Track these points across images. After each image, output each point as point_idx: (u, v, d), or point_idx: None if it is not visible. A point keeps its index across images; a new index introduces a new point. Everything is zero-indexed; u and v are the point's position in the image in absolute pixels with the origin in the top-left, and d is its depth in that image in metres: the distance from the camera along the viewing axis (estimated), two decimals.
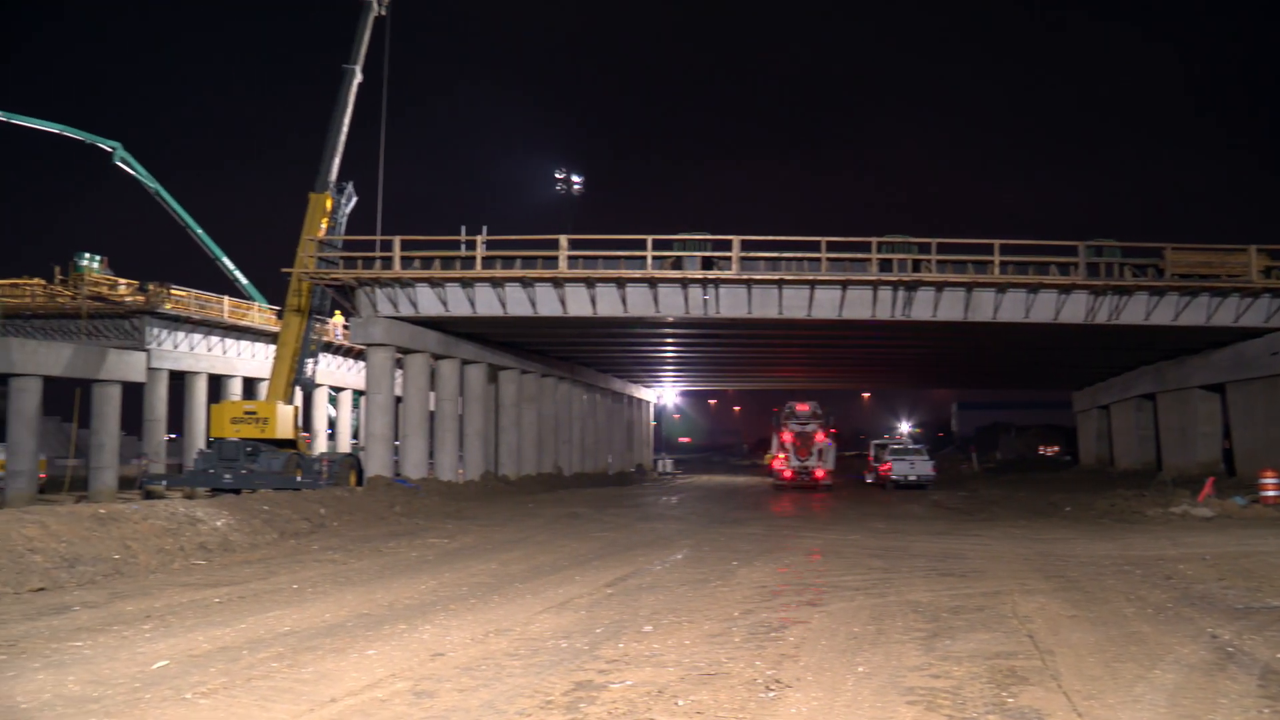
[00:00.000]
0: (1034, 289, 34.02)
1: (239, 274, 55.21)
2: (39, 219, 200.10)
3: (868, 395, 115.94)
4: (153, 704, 7.98)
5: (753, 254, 33.93)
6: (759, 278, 33.73)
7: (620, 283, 34.13)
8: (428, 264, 34.65)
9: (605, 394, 62.23)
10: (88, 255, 48.96)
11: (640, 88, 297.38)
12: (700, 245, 34.40)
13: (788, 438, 45.52)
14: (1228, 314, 34.90)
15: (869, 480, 51.07)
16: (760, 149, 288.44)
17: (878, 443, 54.21)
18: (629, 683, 8.69)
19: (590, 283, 34.13)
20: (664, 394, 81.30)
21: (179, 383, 50.01)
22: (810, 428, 45.35)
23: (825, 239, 33.41)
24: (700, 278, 33.85)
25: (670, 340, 46.03)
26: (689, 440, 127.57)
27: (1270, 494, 27.06)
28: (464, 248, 34.67)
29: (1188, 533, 22.12)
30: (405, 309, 35.07)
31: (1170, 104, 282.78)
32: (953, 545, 20.39)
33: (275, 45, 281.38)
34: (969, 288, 34.02)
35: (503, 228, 56.71)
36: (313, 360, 38.91)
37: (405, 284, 34.53)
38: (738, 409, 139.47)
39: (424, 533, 22.45)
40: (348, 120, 38.34)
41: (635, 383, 69.32)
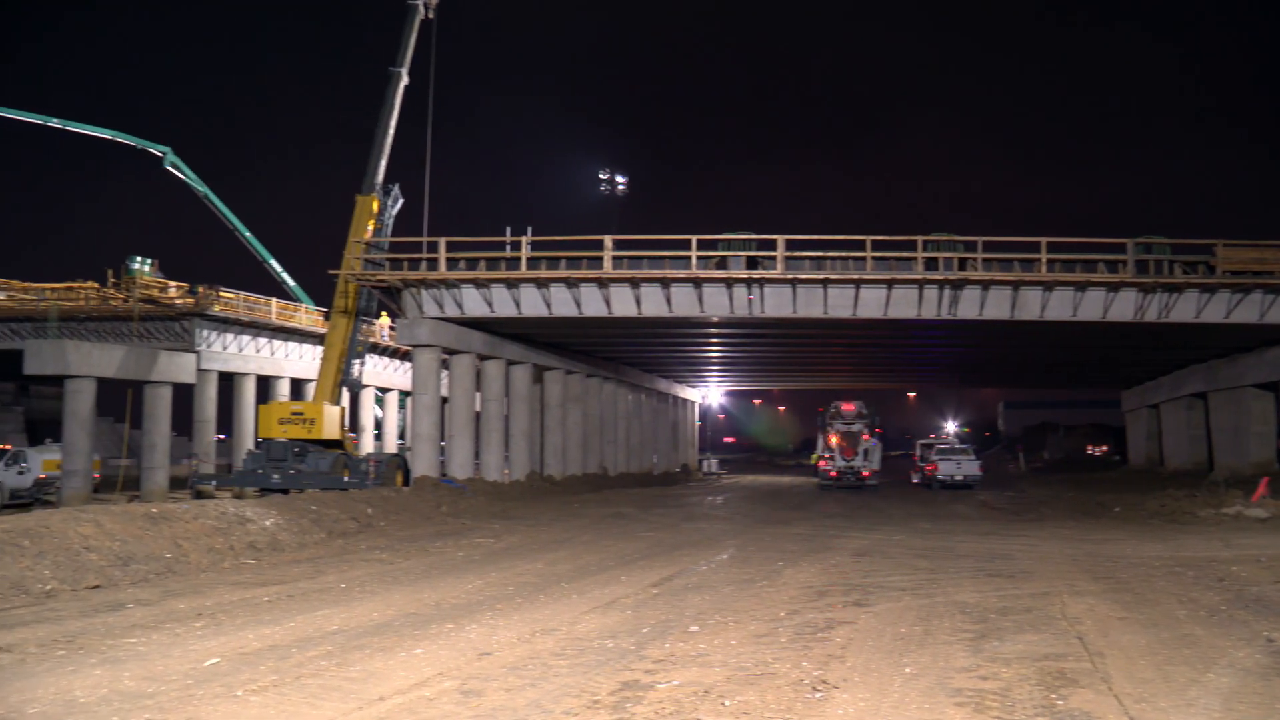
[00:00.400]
0: (1081, 287, 33.66)
1: (286, 276, 55.66)
2: (92, 224, 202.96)
3: (913, 395, 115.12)
4: (205, 700, 8.09)
5: (798, 253, 33.80)
6: (804, 277, 33.61)
7: (665, 283, 34.12)
8: (473, 265, 34.81)
9: (650, 394, 62.21)
10: (139, 259, 49.53)
11: (681, 89, 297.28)
12: (745, 245, 34.31)
13: (834, 438, 45.33)
14: None
15: (915, 480, 50.72)
16: (804, 148, 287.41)
17: (924, 442, 53.78)
18: (675, 683, 8.70)
19: (635, 283, 34.14)
20: (709, 394, 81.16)
21: (228, 384, 50.46)
22: (856, 427, 45.11)
23: (870, 238, 33.24)
24: (745, 277, 33.77)
25: (715, 340, 45.95)
26: (733, 440, 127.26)
27: None
28: (509, 248, 34.81)
29: (1241, 534, 21.84)
30: (451, 310, 35.23)
31: (1222, 99, 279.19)
32: (1000, 546, 20.24)
33: (322, 47, 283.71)
34: (1015, 286, 33.71)
35: (547, 229, 56.85)
36: (359, 361, 39.16)
37: (451, 285, 34.70)
38: (782, 409, 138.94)
39: (470, 533, 22.56)
40: (394, 123, 38.56)
41: (680, 383, 69.25)
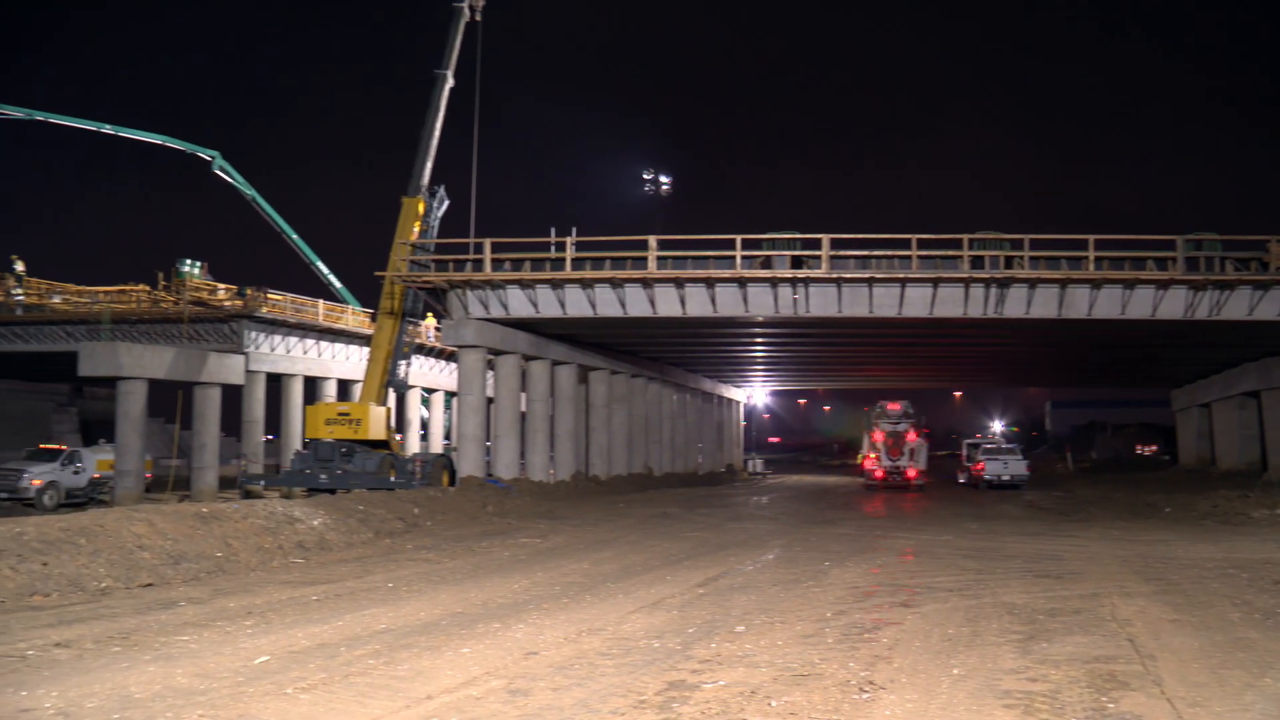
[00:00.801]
0: (1130, 285, 33.26)
1: (333, 278, 56.03)
2: (143, 227, 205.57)
3: (959, 394, 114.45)
4: (255, 698, 8.17)
5: (842, 253, 33.64)
6: (849, 276, 33.46)
7: (709, 283, 34.07)
8: (518, 266, 34.93)
9: (695, 394, 62.16)
10: (189, 261, 50.08)
11: (724, 87, 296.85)
12: (789, 244, 34.19)
13: (879, 437, 45.14)
14: None
15: (961, 480, 50.39)
16: (848, 146, 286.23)
17: (970, 442, 53.40)
18: (722, 683, 8.69)
19: (679, 283, 34.12)
20: (754, 394, 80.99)
21: (276, 385, 50.90)
22: (902, 427, 44.89)
23: (916, 236, 33.05)
24: (790, 277, 33.67)
25: (760, 340, 45.85)
26: (779, 440, 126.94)
27: None
28: (554, 249, 34.91)
29: None
30: (496, 311, 35.37)
31: (1277, 93, 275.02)
32: (1048, 546, 20.07)
33: (368, 50, 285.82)
34: (1063, 284, 33.37)
35: (591, 229, 56.83)
36: (405, 362, 39.40)
37: (496, 286, 34.83)
38: (828, 408, 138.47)
39: (516, 532, 22.65)
40: (439, 125, 38.77)
41: (725, 382, 69.16)
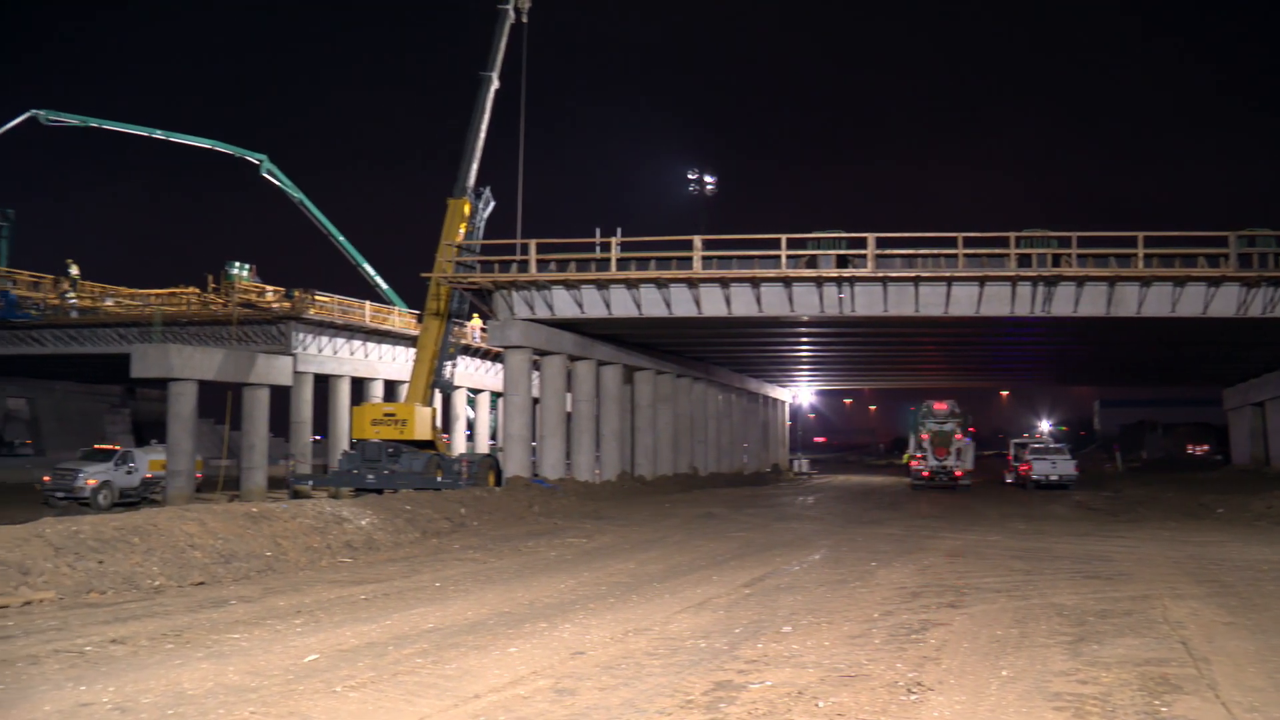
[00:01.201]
0: (1181, 282, 32.82)
1: (379, 279, 56.44)
2: (193, 230, 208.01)
3: (1006, 393, 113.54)
4: (305, 696, 8.26)
5: (888, 251, 33.47)
6: (895, 275, 33.28)
7: (755, 282, 34.00)
8: (563, 266, 35.03)
9: (740, 394, 62.07)
10: (237, 264, 50.65)
11: (768, 86, 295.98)
12: (835, 243, 34.05)
13: (926, 437, 44.94)
14: None
15: (1009, 480, 50.01)
16: (890, 146, 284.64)
17: (1017, 441, 52.96)
18: (768, 683, 8.68)
19: (724, 283, 34.07)
20: (799, 393, 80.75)
21: (323, 385, 51.32)
22: (948, 426, 44.66)
23: (962, 235, 32.80)
24: (835, 276, 33.53)
25: (805, 339, 45.73)
26: (824, 440, 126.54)
27: None
28: (598, 250, 34.98)
29: None
30: (541, 311, 35.49)
31: None
32: (1097, 547, 19.88)
33: (413, 52, 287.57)
34: (1112, 282, 33.00)
35: (635, 229, 57.03)
36: (451, 363, 39.60)
37: (541, 287, 34.94)
38: (873, 408, 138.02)
39: (562, 532, 22.71)
40: (485, 126, 38.94)
41: (770, 382, 69.01)
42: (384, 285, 56.19)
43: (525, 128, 39.63)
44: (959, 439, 44.54)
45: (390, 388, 53.31)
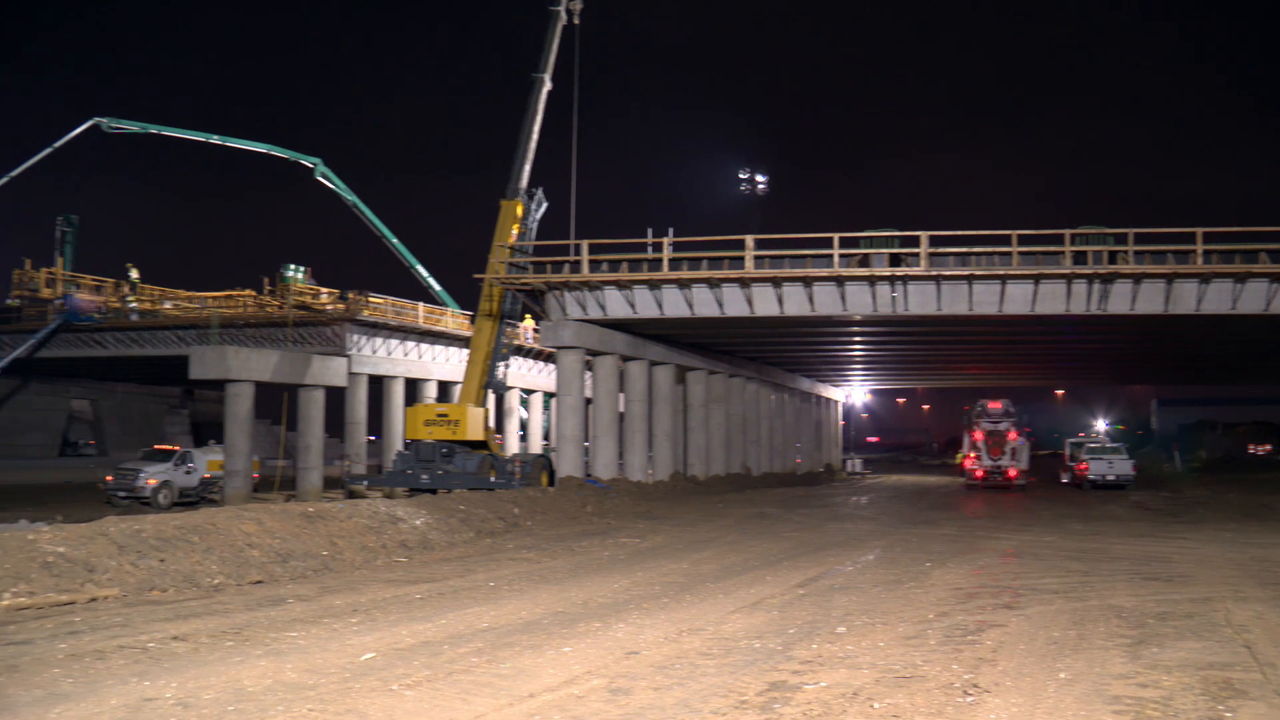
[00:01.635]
0: (1241, 278, 32.27)
1: (432, 280, 56.80)
2: (249, 234, 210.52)
3: (1061, 392, 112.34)
4: (362, 694, 8.35)
5: (941, 250, 33.20)
6: (948, 273, 33.02)
7: (807, 282, 33.86)
8: (615, 267, 35.06)
9: (793, 393, 61.88)
10: (293, 266, 51.30)
11: (819, 87, 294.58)
12: (888, 242, 33.85)
13: (979, 436, 44.59)
14: None
15: (1064, 480, 49.44)
16: (942, 144, 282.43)
17: (1073, 441, 52.31)
18: (823, 684, 8.66)
19: (777, 282, 33.97)
20: (852, 393, 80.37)
21: (378, 386, 51.74)
22: (1003, 426, 44.28)
23: (1016, 232, 32.46)
24: (888, 275, 33.33)
25: (858, 338, 45.48)
26: (877, 439, 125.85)
27: None
28: (650, 250, 35.00)
29: None
30: (594, 312, 35.56)
31: None
32: (1156, 548, 19.63)
33: (466, 54, 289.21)
34: (1169, 279, 32.51)
35: (686, 229, 56.86)
36: (504, 363, 39.77)
37: (593, 287, 35.01)
38: (926, 407, 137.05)
39: (615, 532, 22.76)
40: (538, 128, 39.07)
41: (823, 382, 68.72)
42: (437, 286, 56.56)
43: (578, 129, 39.74)
44: (1013, 438, 44.17)
45: (444, 388, 53.64)
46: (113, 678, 8.76)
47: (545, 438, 61.30)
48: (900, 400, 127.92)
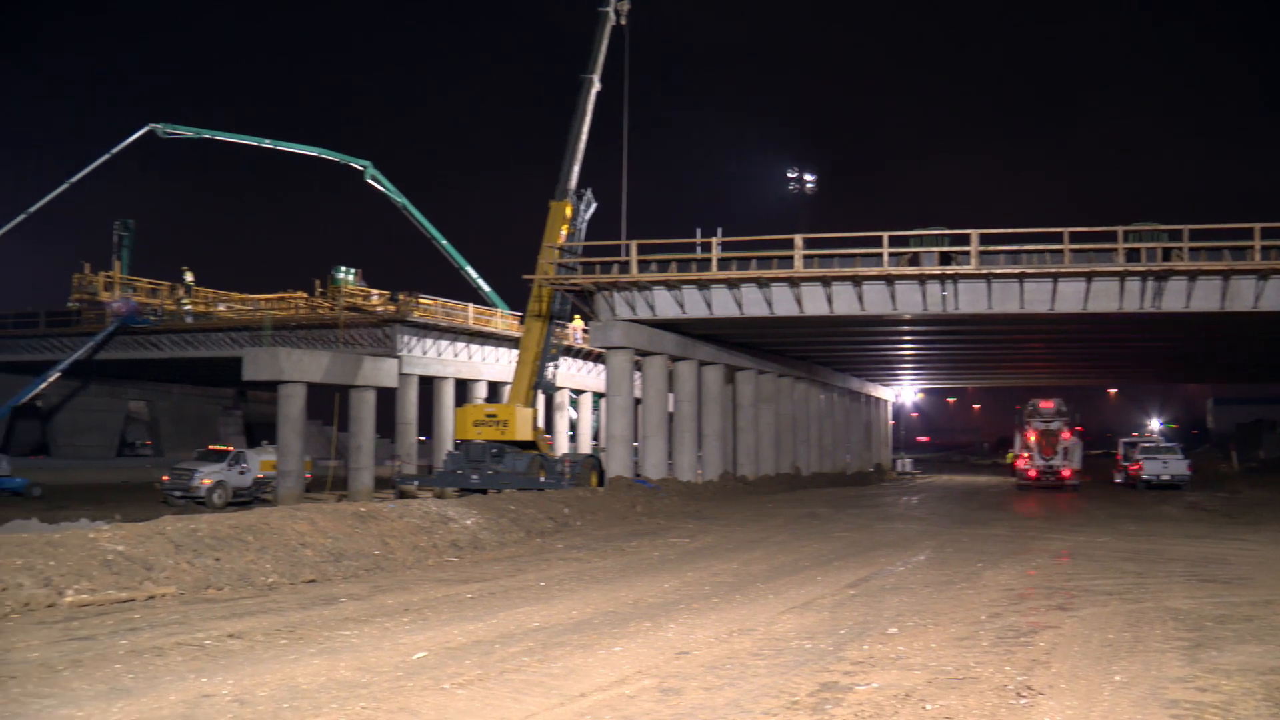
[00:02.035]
0: None
1: (481, 282, 57.06)
2: (300, 236, 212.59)
3: (1114, 391, 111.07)
4: (414, 692, 8.41)
5: (992, 248, 32.93)
6: (999, 271, 32.74)
7: (856, 281, 33.72)
8: (664, 267, 35.09)
9: (842, 393, 61.64)
10: (343, 269, 51.79)
11: (866, 85, 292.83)
12: (937, 240, 33.64)
13: (1032, 436, 44.27)
14: None
15: (1118, 480, 48.89)
16: (993, 140, 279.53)
17: (1127, 440, 51.73)
18: (875, 685, 8.63)
19: (826, 281, 33.85)
20: (902, 392, 79.94)
21: (428, 387, 52.06)
22: (1055, 425, 43.93)
23: (1068, 229, 32.12)
24: (938, 273, 33.12)
25: (908, 337, 45.25)
26: (927, 439, 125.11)
27: None
28: (699, 250, 34.99)
29: None
30: (643, 312, 35.60)
31: None
32: (1214, 549, 19.37)
33: (514, 56, 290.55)
34: (1226, 276, 32.04)
35: (734, 229, 56.69)
36: (553, 364, 39.91)
37: (642, 287, 35.05)
38: (977, 407, 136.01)
39: (665, 532, 22.78)
40: (587, 128, 39.17)
41: (873, 381, 68.40)
42: (486, 287, 56.83)
43: (626, 129, 39.80)
44: (1066, 438, 43.80)
45: (493, 389, 53.88)
46: (171, 674, 8.89)
47: (594, 438, 61.44)
48: (950, 400, 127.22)
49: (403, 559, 16.91)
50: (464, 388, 53.41)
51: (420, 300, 49.27)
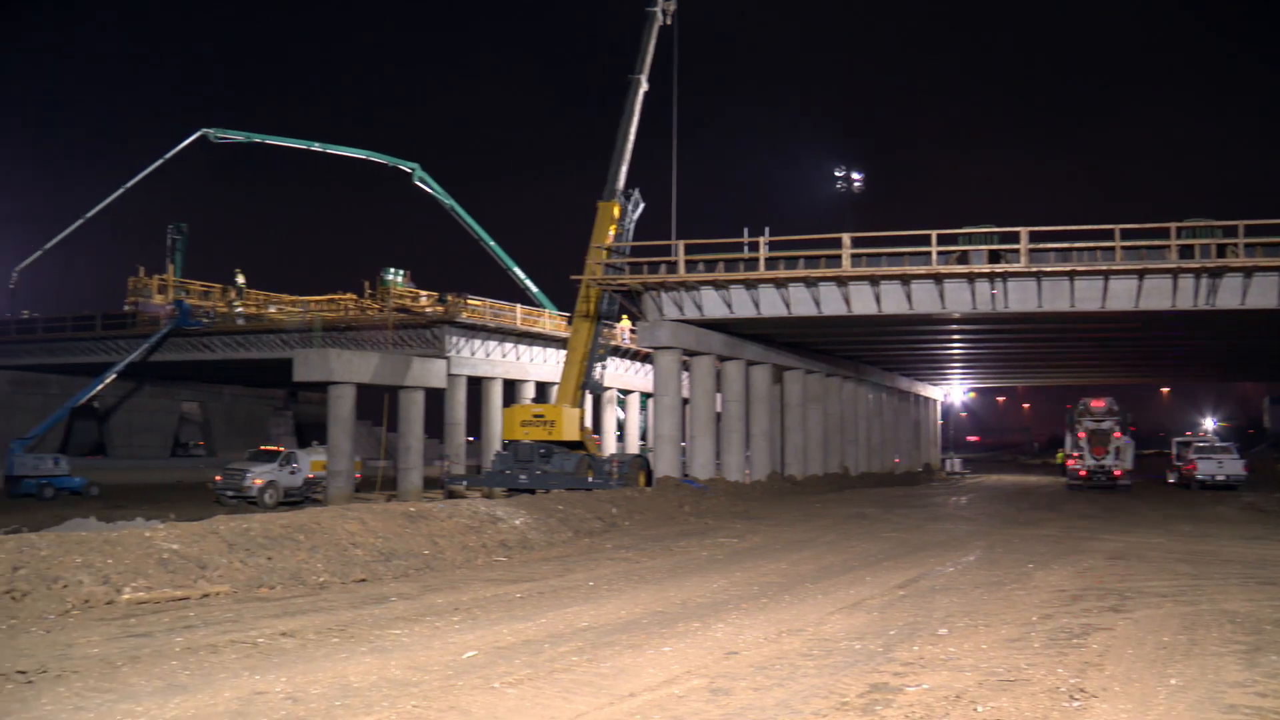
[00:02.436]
0: None
1: (529, 282, 57.31)
2: (349, 238, 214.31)
3: (1166, 390, 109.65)
4: (464, 691, 8.47)
5: (1042, 245, 32.63)
6: (1049, 269, 32.44)
7: (905, 279, 33.52)
8: (711, 267, 35.06)
9: (891, 392, 61.34)
10: (392, 270, 52.15)
11: (913, 83, 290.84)
12: (986, 239, 33.37)
13: (1083, 435, 43.83)
14: None
15: (1171, 480, 48.28)
16: (1041, 137, 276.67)
17: (1180, 440, 51.09)
18: (925, 686, 8.59)
19: (874, 280, 33.68)
20: (951, 391, 79.42)
21: (476, 387, 52.29)
22: (1106, 424, 43.47)
23: (1119, 227, 31.76)
24: (987, 271, 32.85)
25: (957, 336, 44.93)
26: (976, 439, 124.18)
27: None
28: (747, 249, 34.92)
29: None
30: (690, 312, 35.59)
31: None
32: (1272, 551, 19.08)
33: (560, 57, 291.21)
34: None
35: (781, 229, 56.70)
36: (601, 364, 39.96)
37: (690, 287, 35.04)
38: (1027, 406, 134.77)
39: (713, 532, 22.76)
40: (634, 129, 39.21)
41: (921, 380, 68.02)
42: (534, 288, 57.05)
43: (673, 129, 39.78)
44: (1118, 437, 43.34)
45: (541, 389, 54.02)
46: (225, 671, 9.02)
47: (642, 438, 61.50)
48: (1000, 399, 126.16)
49: (452, 559, 17.01)
50: (512, 388, 53.60)
51: (468, 301, 49.50)
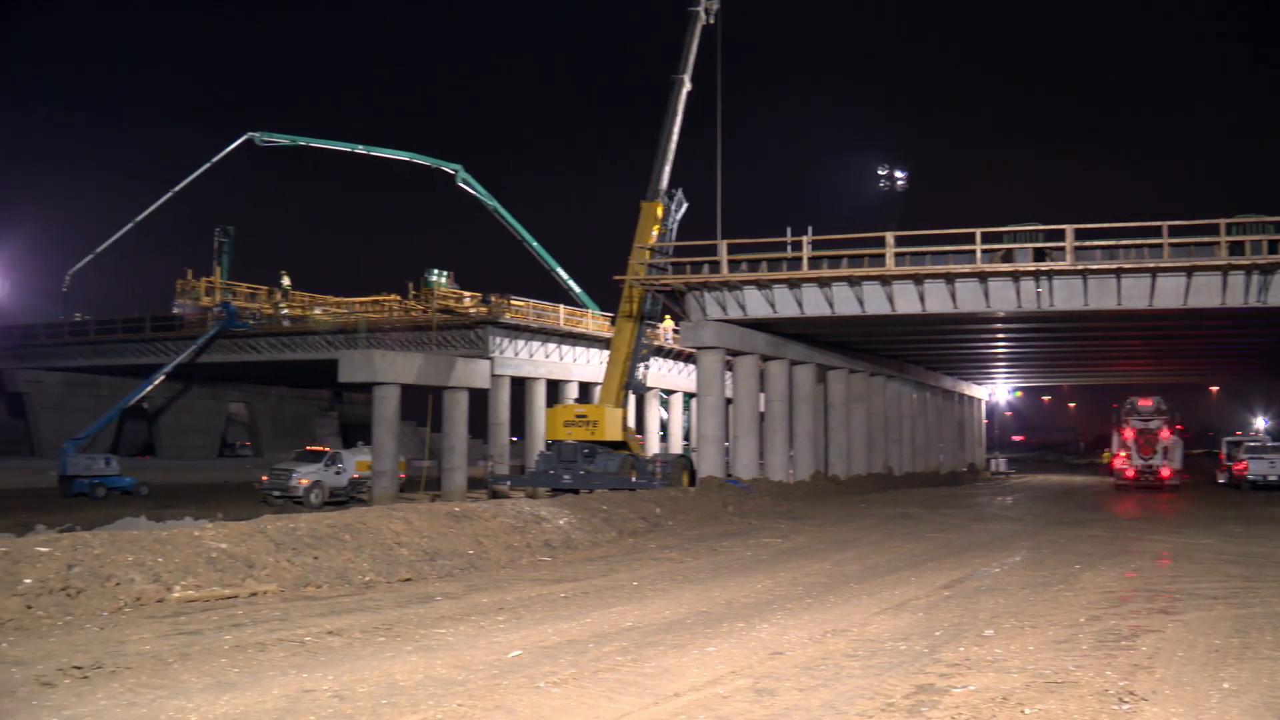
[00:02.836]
0: None
1: (572, 283, 57.47)
2: (394, 239, 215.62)
3: (1216, 389, 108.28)
4: (509, 690, 8.52)
5: (1088, 243, 32.29)
6: (1095, 267, 32.10)
7: (949, 278, 33.30)
8: (754, 266, 34.99)
9: (935, 392, 60.97)
10: (436, 271, 52.41)
11: (957, 80, 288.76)
12: (1031, 236, 33.08)
13: (1130, 435, 43.42)
14: None
15: (1221, 481, 47.66)
16: (1086, 134, 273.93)
17: (1230, 439, 50.42)
18: (971, 688, 8.54)
19: (918, 279, 33.48)
20: (996, 391, 78.86)
21: (519, 388, 52.45)
22: (1154, 424, 43.04)
23: (1166, 223, 31.36)
24: (1032, 270, 32.56)
25: (1001, 335, 44.60)
26: (1022, 438, 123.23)
27: None
28: (790, 249, 34.80)
29: None
30: (734, 312, 35.53)
31: None
32: None
33: (601, 58, 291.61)
34: None
35: (824, 228, 56.36)
36: (644, 364, 39.98)
37: (733, 287, 34.99)
38: (1073, 405, 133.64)
39: (757, 532, 22.72)
40: (678, 129, 39.19)
41: (966, 380, 67.55)
42: (577, 289, 57.17)
43: (719, 130, 39.78)
44: (1166, 437, 42.89)
45: (584, 389, 54.12)
46: (274, 669, 9.11)
47: (685, 438, 61.49)
48: (1045, 398, 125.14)
49: (496, 558, 17.08)
50: (555, 388, 53.69)
51: (511, 302, 49.65)
